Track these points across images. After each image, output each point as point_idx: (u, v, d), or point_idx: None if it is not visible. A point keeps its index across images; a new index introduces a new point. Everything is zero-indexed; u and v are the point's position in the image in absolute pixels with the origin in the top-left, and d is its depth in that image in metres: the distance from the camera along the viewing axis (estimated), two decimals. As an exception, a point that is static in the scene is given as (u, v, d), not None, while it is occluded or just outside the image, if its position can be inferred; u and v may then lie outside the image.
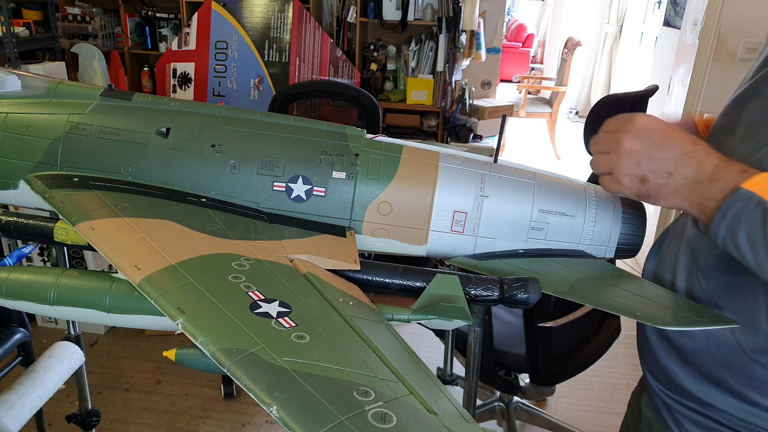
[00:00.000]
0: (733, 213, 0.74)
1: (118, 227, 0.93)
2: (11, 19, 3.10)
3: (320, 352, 0.73)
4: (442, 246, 1.10)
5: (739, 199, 0.74)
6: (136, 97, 1.15)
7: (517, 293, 0.96)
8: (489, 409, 2.71)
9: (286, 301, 0.82)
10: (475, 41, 3.92)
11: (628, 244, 1.09)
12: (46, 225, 1.03)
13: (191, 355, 0.79)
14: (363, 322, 0.83)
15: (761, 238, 0.72)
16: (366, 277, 1.00)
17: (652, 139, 0.81)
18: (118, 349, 3.13)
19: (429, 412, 0.68)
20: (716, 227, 0.76)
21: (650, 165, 0.80)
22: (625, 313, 0.94)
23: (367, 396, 0.67)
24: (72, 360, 1.67)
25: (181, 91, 3.80)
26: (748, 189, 0.73)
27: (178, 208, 1.02)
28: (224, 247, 0.93)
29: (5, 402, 1.55)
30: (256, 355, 0.70)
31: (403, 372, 0.74)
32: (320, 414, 0.63)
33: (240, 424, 2.67)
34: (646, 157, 0.81)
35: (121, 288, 0.88)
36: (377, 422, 0.63)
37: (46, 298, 0.89)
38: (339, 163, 1.08)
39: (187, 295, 0.79)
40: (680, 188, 0.79)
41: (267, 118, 1.14)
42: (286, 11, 3.69)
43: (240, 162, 1.08)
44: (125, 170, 1.08)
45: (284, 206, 1.08)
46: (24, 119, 1.09)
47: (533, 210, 1.07)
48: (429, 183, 1.07)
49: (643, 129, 0.82)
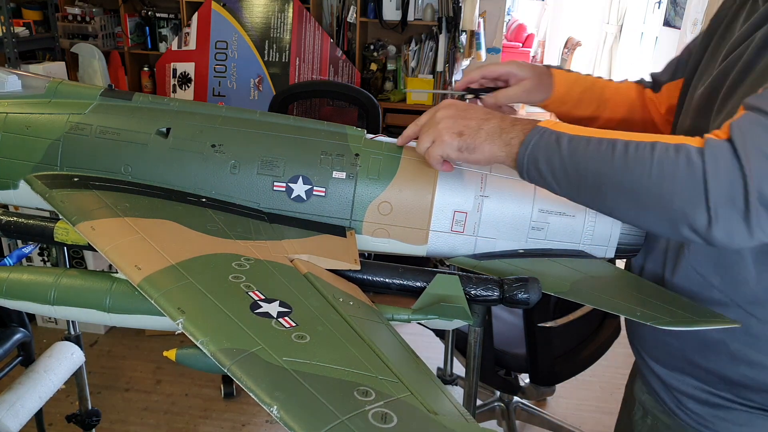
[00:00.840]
0: (533, 143, 0.87)
1: (119, 227, 0.93)
2: (11, 19, 3.10)
3: (321, 352, 0.73)
4: (442, 246, 1.10)
5: (537, 132, 0.88)
6: (136, 97, 1.15)
7: (518, 293, 0.96)
8: (489, 409, 2.71)
9: (287, 301, 0.82)
10: (475, 41, 3.93)
11: (629, 244, 1.09)
12: (46, 225, 1.03)
13: (192, 355, 0.79)
14: (363, 322, 0.84)
15: (557, 157, 0.85)
16: (366, 277, 1.00)
17: (457, 107, 0.98)
18: (118, 349, 3.13)
19: (429, 412, 0.68)
20: (521, 158, 0.89)
21: (463, 122, 0.95)
22: (626, 313, 0.94)
23: (367, 396, 0.67)
24: (72, 360, 1.67)
25: (181, 91, 3.80)
26: (542, 126, 0.88)
27: (178, 208, 1.02)
28: (224, 247, 0.93)
29: (5, 402, 1.55)
30: (257, 355, 0.70)
31: (404, 372, 0.74)
32: (321, 414, 0.63)
33: (240, 424, 2.67)
34: (459, 117, 0.95)
35: (122, 288, 0.88)
36: (378, 422, 0.63)
37: (47, 298, 0.89)
38: (339, 163, 1.08)
39: (187, 295, 0.79)
40: (489, 135, 0.92)
41: (267, 118, 1.14)
42: (286, 11, 3.69)
43: (240, 162, 1.08)
44: (125, 170, 1.08)
45: (284, 206, 1.08)
46: (24, 119, 1.09)
47: (533, 210, 1.07)
48: (429, 183, 1.07)
49: (448, 103, 0.99)
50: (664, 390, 1.08)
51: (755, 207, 0.70)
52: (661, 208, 0.76)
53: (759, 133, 0.71)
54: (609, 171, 0.80)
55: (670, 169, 0.74)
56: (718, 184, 0.71)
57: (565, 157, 0.84)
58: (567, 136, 0.85)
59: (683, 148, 0.75)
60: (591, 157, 0.82)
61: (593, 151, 0.82)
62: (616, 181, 0.79)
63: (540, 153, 0.86)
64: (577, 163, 0.83)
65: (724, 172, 0.71)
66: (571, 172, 0.84)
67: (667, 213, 0.76)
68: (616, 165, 0.79)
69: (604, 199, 0.83)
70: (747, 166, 0.70)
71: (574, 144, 0.84)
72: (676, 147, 0.76)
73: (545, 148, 0.86)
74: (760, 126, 0.71)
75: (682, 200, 0.74)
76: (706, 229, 0.74)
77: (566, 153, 0.84)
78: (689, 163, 0.74)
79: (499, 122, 0.93)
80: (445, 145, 0.95)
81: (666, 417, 1.08)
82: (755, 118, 0.73)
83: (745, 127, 0.72)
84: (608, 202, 0.83)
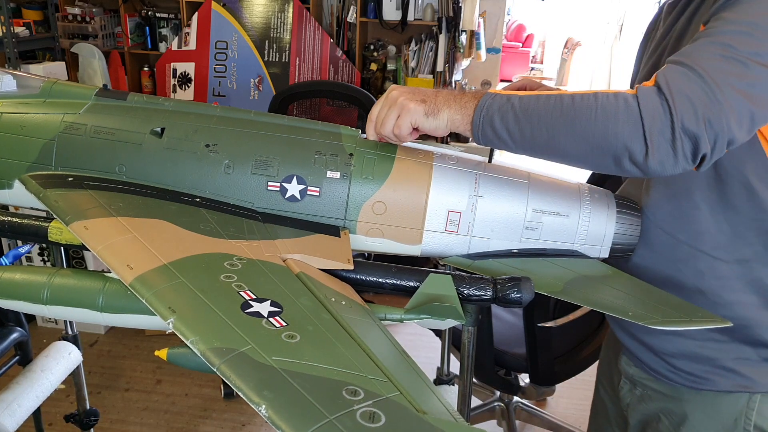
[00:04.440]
0: (486, 105, 0.97)
1: (112, 227, 0.93)
2: (11, 19, 3.10)
3: (310, 351, 0.73)
4: (437, 246, 1.09)
5: (489, 97, 0.98)
6: (131, 97, 1.15)
7: (510, 293, 0.96)
8: (489, 409, 2.71)
9: (278, 301, 0.82)
10: (475, 41, 3.92)
11: (623, 244, 1.09)
12: (40, 225, 1.03)
13: (183, 354, 0.79)
14: (354, 321, 0.83)
15: (511, 115, 0.95)
16: (359, 277, 1.00)
17: (406, 86, 1.07)
18: (118, 349, 3.14)
19: (418, 412, 0.68)
20: (476, 119, 0.98)
21: (420, 93, 1.04)
22: (618, 312, 0.94)
23: (356, 395, 0.67)
24: (69, 360, 1.68)
25: (181, 91, 3.81)
26: (491, 91, 0.99)
27: (172, 208, 1.02)
28: (217, 246, 0.93)
29: (2, 401, 1.55)
30: (246, 355, 0.70)
31: (394, 371, 0.74)
32: (309, 413, 0.63)
33: (240, 424, 2.67)
34: (414, 90, 1.04)
35: (114, 287, 0.88)
36: (366, 421, 0.63)
37: (40, 298, 0.89)
38: (333, 163, 1.08)
39: (178, 294, 0.79)
40: (446, 100, 1.01)
41: (261, 118, 1.14)
42: (286, 11, 3.69)
43: (234, 162, 1.08)
44: (120, 170, 1.08)
45: (278, 206, 1.08)
46: (19, 119, 1.09)
47: (527, 210, 1.07)
48: (423, 183, 1.07)
49: (395, 86, 1.07)
50: (654, 358, 1.15)
51: (679, 135, 0.84)
52: (608, 145, 0.89)
53: (678, 78, 0.86)
54: (560, 120, 0.92)
55: (612, 111, 0.88)
56: (651, 120, 0.85)
57: (518, 113, 0.95)
58: (516, 97, 0.97)
59: (621, 95, 0.89)
60: (542, 111, 0.94)
61: (543, 106, 0.94)
62: (568, 128, 0.91)
63: (495, 113, 0.97)
64: (530, 117, 0.94)
65: (655, 110, 0.85)
66: (525, 127, 0.95)
67: (612, 149, 0.89)
68: (566, 114, 0.91)
69: (556, 146, 0.94)
70: (671, 103, 0.84)
71: (525, 102, 0.95)
72: (615, 94, 0.90)
73: (499, 109, 0.96)
74: (678, 73, 0.87)
75: (624, 136, 0.87)
76: (644, 159, 0.87)
77: (519, 110, 0.95)
78: (627, 105, 0.87)
79: (449, 91, 1.04)
80: (412, 112, 1.02)
81: (656, 384, 1.18)
82: (675, 68, 0.88)
83: (668, 75, 0.87)
84: (560, 148, 0.94)
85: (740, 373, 1.07)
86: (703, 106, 0.84)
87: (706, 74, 0.84)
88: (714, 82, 0.84)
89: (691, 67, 0.86)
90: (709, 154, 0.86)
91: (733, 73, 0.85)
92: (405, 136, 1.05)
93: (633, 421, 1.25)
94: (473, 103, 0.99)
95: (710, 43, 0.88)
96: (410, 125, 1.03)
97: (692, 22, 1.04)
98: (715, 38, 0.88)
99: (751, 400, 1.07)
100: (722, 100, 0.84)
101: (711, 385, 1.10)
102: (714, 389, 1.10)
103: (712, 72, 0.84)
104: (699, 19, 1.01)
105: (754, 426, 1.07)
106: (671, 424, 1.16)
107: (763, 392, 1.07)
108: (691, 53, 0.88)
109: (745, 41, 0.86)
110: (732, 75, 0.85)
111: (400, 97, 1.03)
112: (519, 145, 0.97)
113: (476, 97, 1.00)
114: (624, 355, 1.25)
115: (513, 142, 0.97)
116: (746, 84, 0.85)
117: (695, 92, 0.84)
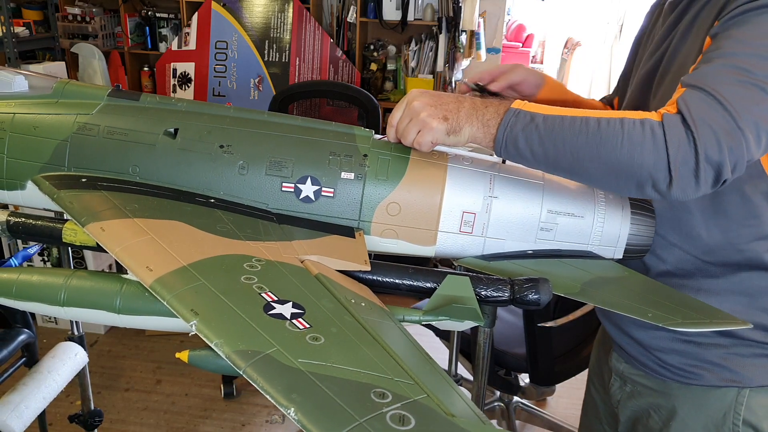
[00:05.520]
0: (510, 124, 0.96)
1: (128, 228, 0.92)
2: (11, 19, 3.09)
3: (335, 353, 0.73)
4: (451, 247, 1.09)
5: (512, 113, 0.97)
6: (144, 98, 1.14)
7: (528, 294, 0.96)
8: (489, 409, 2.71)
9: (300, 303, 0.81)
10: (475, 41, 3.92)
11: (637, 245, 1.09)
12: (54, 226, 1.03)
13: (204, 356, 0.79)
14: (376, 323, 0.83)
15: (535, 136, 0.94)
16: (376, 278, 1.00)
17: (429, 94, 1.04)
18: (118, 349, 3.13)
19: (446, 414, 0.68)
20: (499, 138, 0.97)
21: (443, 107, 1.01)
22: (637, 314, 0.94)
23: (384, 398, 0.67)
24: (75, 361, 1.67)
25: (181, 91, 3.80)
26: (514, 107, 0.98)
27: (187, 209, 1.02)
28: (235, 248, 0.93)
29: (9, 403, 1.54)
30: (272, 357, 0.70)
31: (418, 374, 0.74)
32: (339, 416, 0.63)
33: (240, 424, 2.67)
34: (436, 103, 1.02)
35: (132, 289, 0.88)
36: (396, 424, 0.63)
37: (57, 300, 0.89)
38: (348, 164, 1.08)
39: (200, 296, 0.79)
40: (468, 116, 1.00)
41: (275, 119, 1.13)
42: (286, 11, 3.69)
43: (248, 162, 1.07)
44: (133, 171, 1.08)
45: (293, 207, 1.08)
46: (32, 120, 1.09)
47: (542, 211, 1.07)
48: (438, 184, 1.07)
49: (417, 93, 1.05)
50: (644, 353, 1.18)
51: (703, 165, 0.85)
52: (632, 172, 0.89)
53: (700, 105, 0.87)
54: (585, 145, 0.92)
55: (638, 140, 0.88)
56: (676, 150, 0.86)
57: (543, 134, 0.94)
58: (541, 116, 0.96)
59: (647, 123, 0.89)
60: (567, 134, 0.93)
61: (568, 128, 0.93)
62: (593, 153, 0.91)
63: (518, 132, 0.96)
64: (555, 140, 0.94)
65: (681, 140, 0.86)
66: (549, 148, 0.94)
67: (636, 176, 0.90)
68: (591, 140, 0.91)
69: (579, 169, 0.94)
70: (695, 133, 0.85)
71: (550, 123, 0.95)
72: (641, 121, 0.90)
73: (523, 129, 0.96)
74: (699, 100, 0.87)
75: (649, 165, 0.88)
76: (666, 188, 0.88)
77: (543, 131, 0.95)
78: (654, 135, 0.88)
79: (472, 103, 1.01)
80: (434, 131, 1.01)
81: (645, 380, 1.20)
82: (694, 94, 0.88)
83: (689, 102, 0.88)
84: (583, 171, 0.94)
85: (729, 368, 1.09)
86: (725, 134, 0.85)
87: (726, 102, 0.86)
88: (734, 109, 0.85)
89: (710, 93, 0.87)
90: (729, 178, 0.88)
91: (752, 99, 0.86)
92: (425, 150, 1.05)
93: (623, 417, 1.27)
94: (496, 120, 0.98)
95: (725, 65, 0.89)
96: (431, 144, 1.03)
97: (694, 25, 1.05)
98: (729, 60, 0.89)
99: (739, 395, 1.09)
100: (743, 127, 0.85)
101: (700, 380, 1.12)
102: (703, 384, 1.11)
103: (731, 99, 0.86)
104: (702, 25, 1.02)
105: (742, 420, 1.09)
106: (661, 420, 1.18)
107: (751, 387, 1.09)
108: (708, 77, 0.89)
109: (761, 65, 0.88)
110: (751, 101, 0.86)
111: (423, 113, 1.01)
112: (542, 165, 0.98)
113: (498, 114, 0.99)
114: (614, 351, 1.27)
115: (536, 162, 0.98)
116: (764, 108, 0.87)
117: (717, 121, 0.85)
